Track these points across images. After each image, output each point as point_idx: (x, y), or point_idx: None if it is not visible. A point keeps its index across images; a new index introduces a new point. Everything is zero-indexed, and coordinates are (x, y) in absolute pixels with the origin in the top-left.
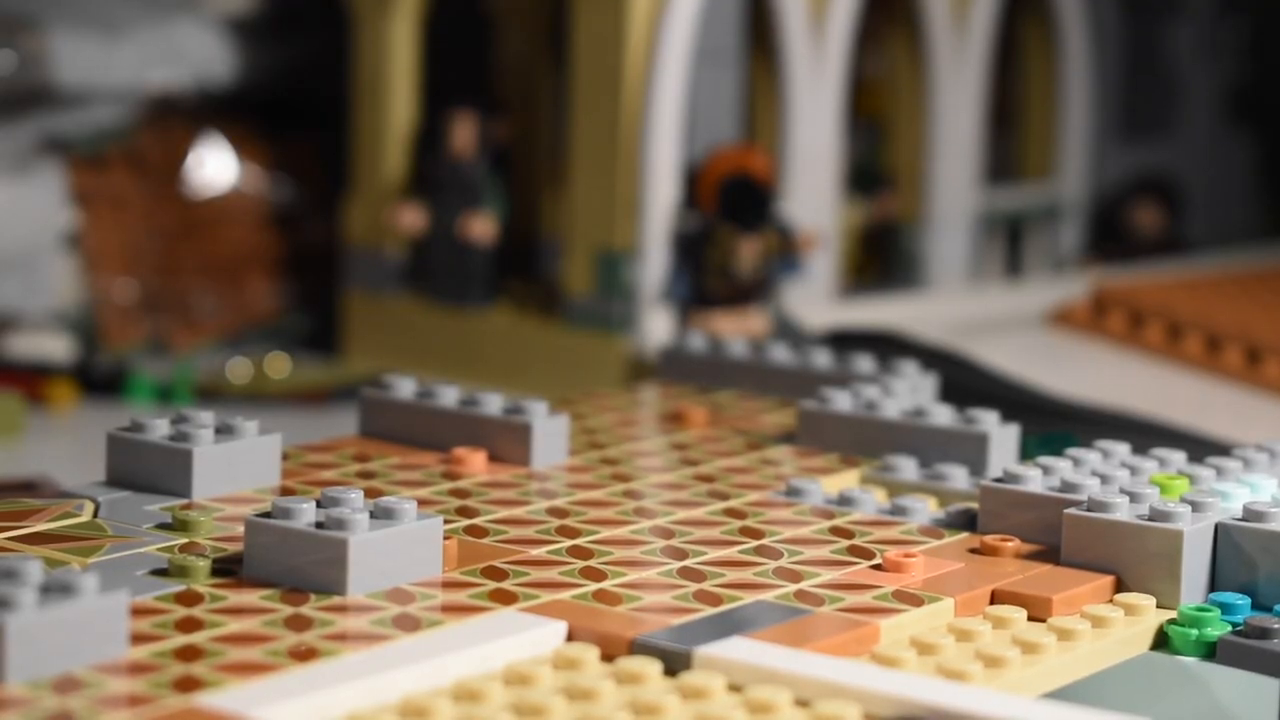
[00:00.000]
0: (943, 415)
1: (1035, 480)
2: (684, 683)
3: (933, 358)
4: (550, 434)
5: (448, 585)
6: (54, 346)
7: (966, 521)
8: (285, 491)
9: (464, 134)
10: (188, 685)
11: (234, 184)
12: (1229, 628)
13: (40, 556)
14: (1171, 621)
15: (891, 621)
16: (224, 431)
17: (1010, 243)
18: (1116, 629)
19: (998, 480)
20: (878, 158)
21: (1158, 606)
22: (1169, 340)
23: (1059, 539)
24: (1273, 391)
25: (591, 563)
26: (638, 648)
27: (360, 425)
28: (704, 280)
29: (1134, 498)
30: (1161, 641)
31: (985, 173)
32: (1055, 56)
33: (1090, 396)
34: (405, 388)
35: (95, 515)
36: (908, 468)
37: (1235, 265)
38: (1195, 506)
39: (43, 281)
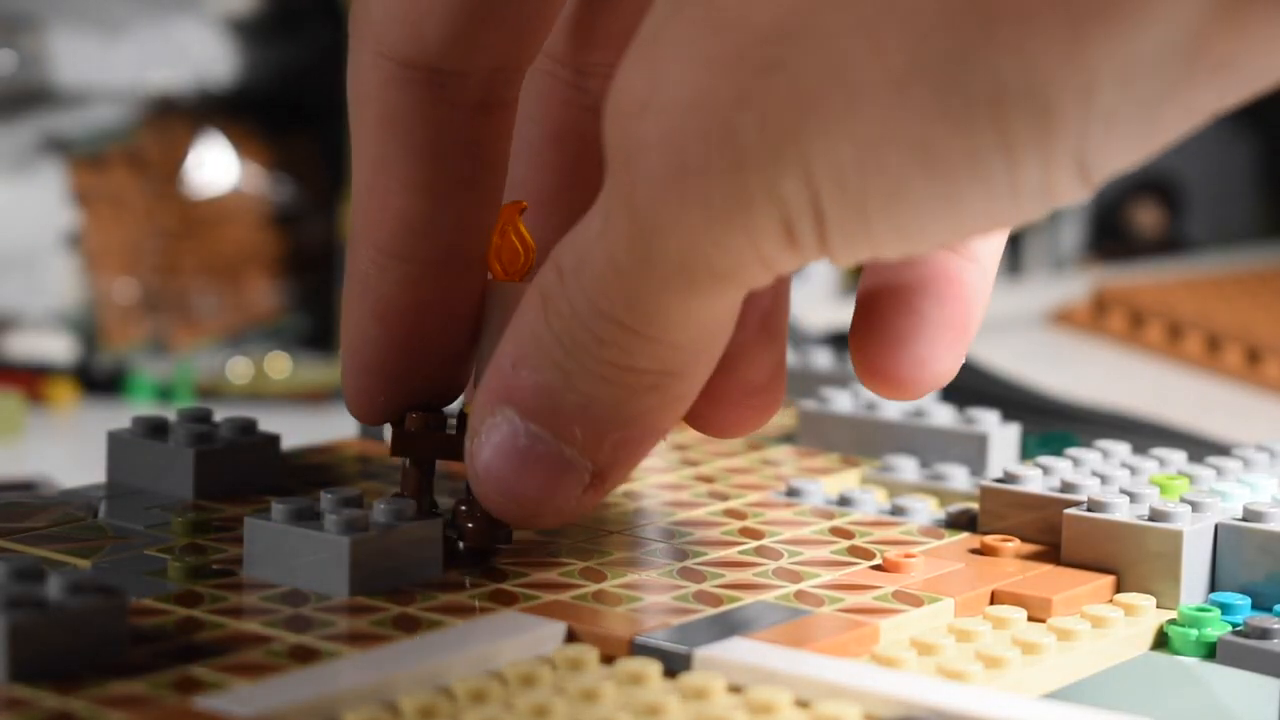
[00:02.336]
0: (943, 415)
1: (1035, 480)
2: (684, 683)
3: None
4: None
5: (448, 586)
6: (54, 346)
7: (967, 521)
8: (285, 492)
9: None
10: (188, 686)
11: (234, 184)
12: (1229, 628)
13: (40, 557)
14: (1171, 622)
15: (891, 622)
16: (224, 432)
17: (1010, 243)
18: (1116, 629)
19: (998, 480)
20: None
21: (1158, 607)
22: (1169, 340)
23: (1059, 539)
24: (1273, 391)
25: (591, 563)
26: (638, 648)
27: (360, 426)
28: None
29: (1134, 498)
30: (1161, 642)
31: None
32: None
33: (1090, 396)
34: None
35: (95, 515)
36: (908, 468)
37: (1235, 265)
38: (1195, 506)
39: (43, 281)
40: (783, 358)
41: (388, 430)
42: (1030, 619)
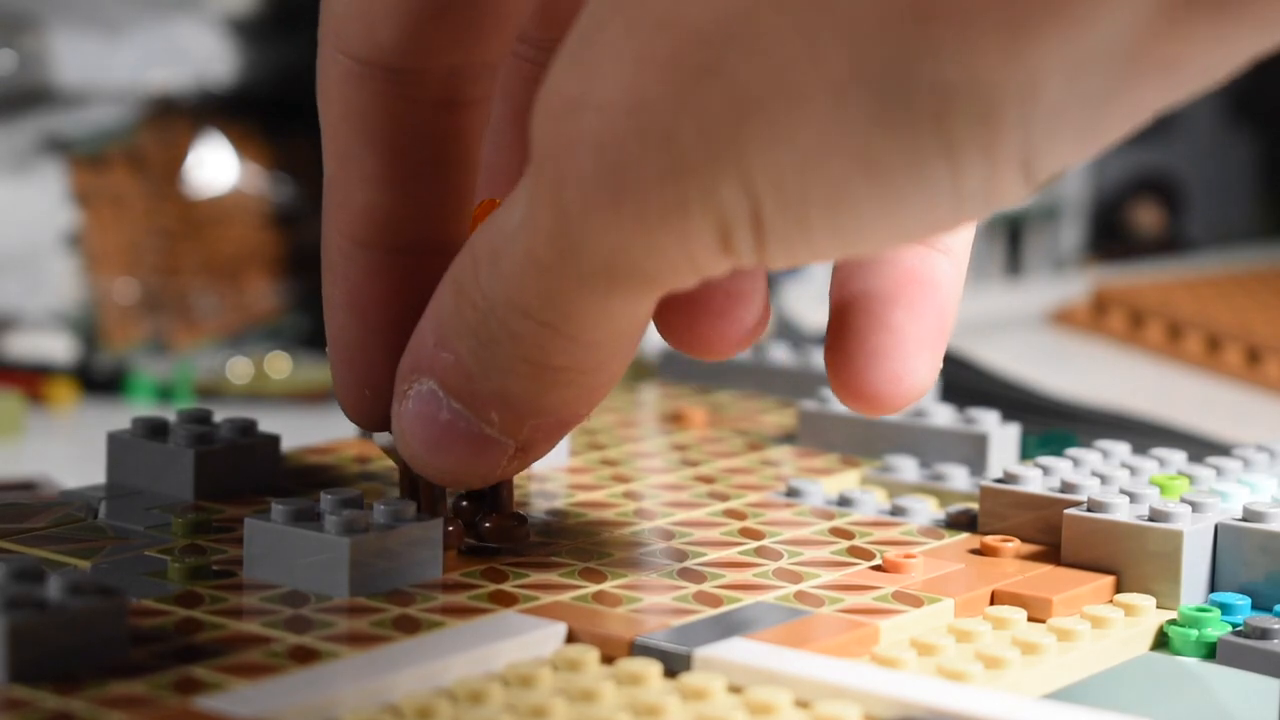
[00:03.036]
0: (943, 415)
1: (1035, 480)
2: (684, 684)
3: None
4: None
5: (448, 587)
6: (54, 346)
7: (966, 522)
8: (285, 493)
9: None
10: (188, 686)
11: (234, 184)
12: (1229, 628)
13: (40, 557)
14: (1171, 622)
15: (891, 622)
16: (224, 432)
17: (1010, 243)
18: (1116, 629)
19: (998, 480)
20: None
21: (1158, 607)
22: (1169, 340)
23: (1059, 539)
24: (1273, 391)
25: (591, 564)
26: (638, 649)
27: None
28: None
29: (1134, 498)
30: (1162, 642)
31: None
32: None
33: (1090, 396)
34: None
35: (95, 516)
36: (908, 468)
37: (1235, 265)
38: (1195, 507)
39: (43, 281)
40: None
41: (381, 438)
42: (1030, 619)
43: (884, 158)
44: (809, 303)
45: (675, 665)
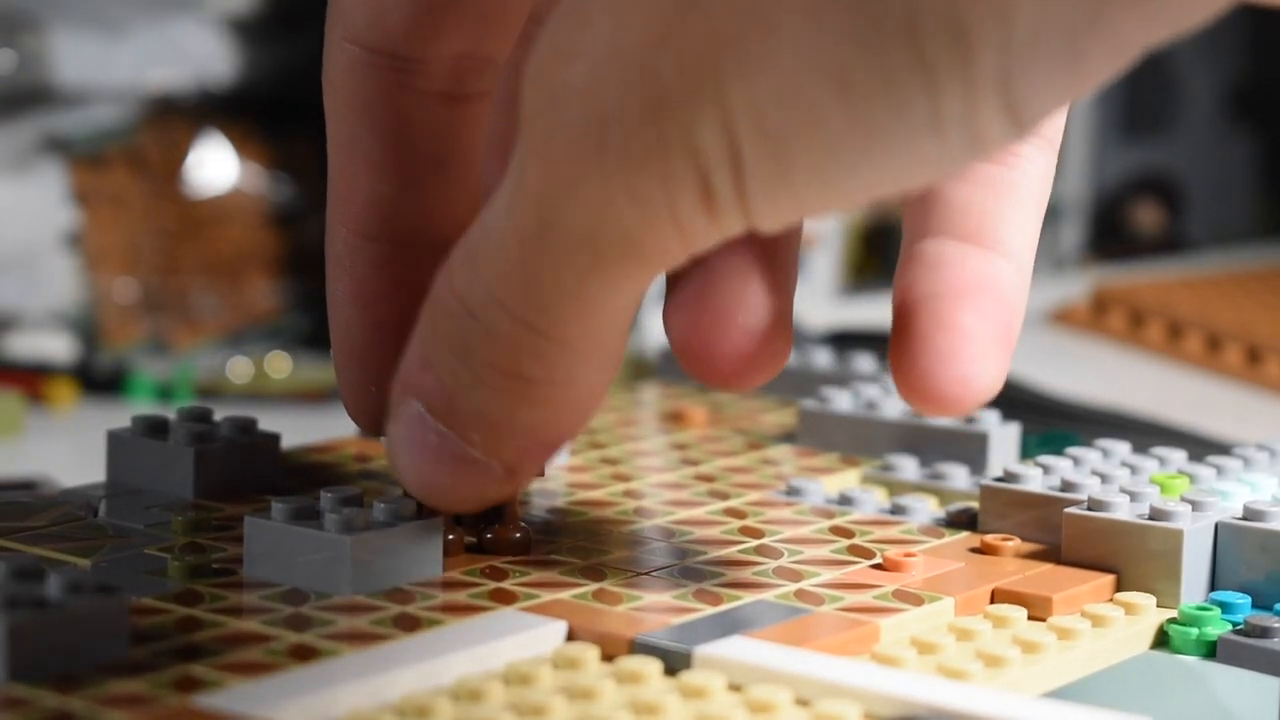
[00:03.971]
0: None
1: (1035, 480)
2: (684, 682)
3: None
4: None
5: (448, 585)
6: (54, 346)
7: (967, 521)
8: (285, 491)
9: None
10: (188, 685)
11: (234, 184)
12: (1229, 627)
13: (40, 556)
14: (1172, 620)
15: (892, 621)
16: (224, 431)
17: None
18: (1117, 628)
19: (998, 480)
20: None
21: (1158, 606)
22: (1169, 340)
23: (1059, 538)
24: (1273, 390)
25: (592, 562)
26: (638, 647)
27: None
28: None
29: (1134, 497)
30: (1162, 641)
31: None
32: None
33: (1090, 396)
34: None
35: (95, 514)
36: (908, 467)
37: (1235, 265)
38: (1195, 505)
39: (43, 281)
40: (788, 301)
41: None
42: (1030, 618)
43: (859, 81)
44: (809, 302)
45: (675, 663)
